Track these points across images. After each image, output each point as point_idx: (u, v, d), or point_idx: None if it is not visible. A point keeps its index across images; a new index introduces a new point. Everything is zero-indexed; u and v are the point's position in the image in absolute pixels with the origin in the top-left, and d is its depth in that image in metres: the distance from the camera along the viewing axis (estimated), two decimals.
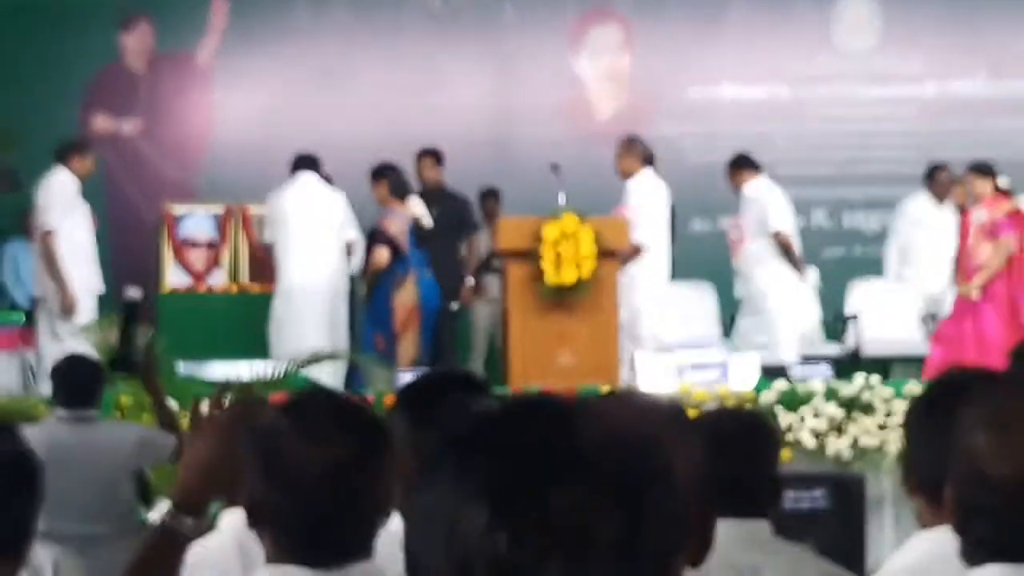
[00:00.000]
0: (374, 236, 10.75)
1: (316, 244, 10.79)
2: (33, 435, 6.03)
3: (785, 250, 11.04)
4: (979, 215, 10.52)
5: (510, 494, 1.23)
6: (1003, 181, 10.71)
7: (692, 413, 8.42)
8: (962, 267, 10.60)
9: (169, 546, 2.68)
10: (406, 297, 10.61)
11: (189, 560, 3.09)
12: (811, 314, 11.38)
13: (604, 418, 1.29)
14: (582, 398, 3.11)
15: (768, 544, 3.06)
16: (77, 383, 6.43)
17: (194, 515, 2.68)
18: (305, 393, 2.71)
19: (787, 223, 11.22)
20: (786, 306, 10.96)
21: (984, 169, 10.66)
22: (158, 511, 2.71)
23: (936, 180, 12.05)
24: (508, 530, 1.21)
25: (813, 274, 11.44)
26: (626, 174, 10.78)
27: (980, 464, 2.09)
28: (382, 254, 10.56)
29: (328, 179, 11.12)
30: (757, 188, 11.21)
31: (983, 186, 10.52)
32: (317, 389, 2.79)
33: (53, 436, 6.10)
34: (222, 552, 3.18)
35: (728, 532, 3.14)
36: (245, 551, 3.00)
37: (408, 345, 10.59)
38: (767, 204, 11.11)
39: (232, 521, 3.02)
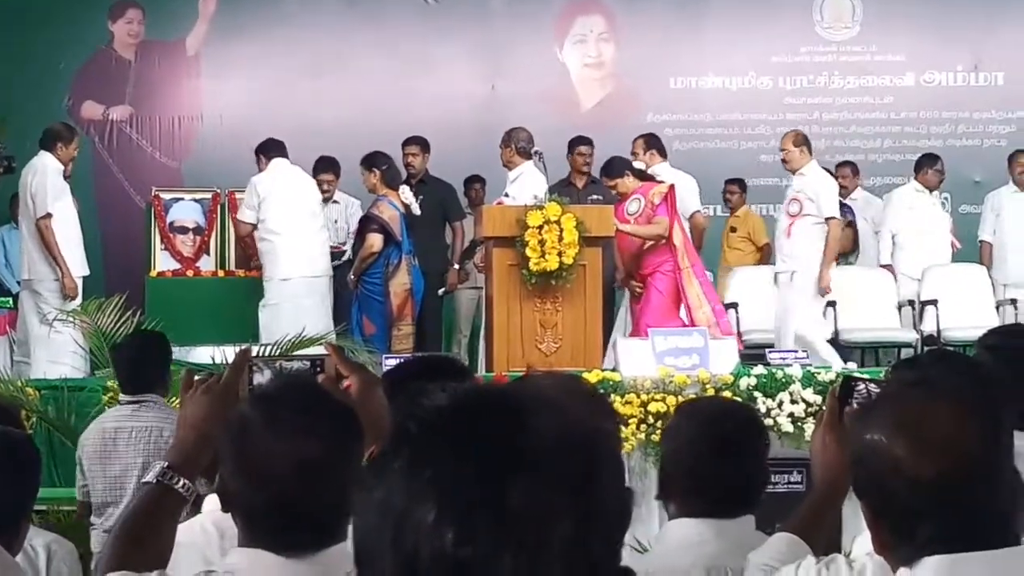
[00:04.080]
0: (366, 222, 10.74)
1: (302, 228, 10.76)
2: (101, 422, 6.14)
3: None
4: (632, 206, 10.10)
5: (459, 492, 1.21)
6: (639, 164, 10.46)
7: (671, 400, 8.42)
8: (625, 264, 10.28)
9: (164, 504, 2.64)
10: (400, 283, 10.59)
11: None
12: None
13: (552, 411, 1.26)
14: (511, 383, 3.09)
15: (753, 542, 3.04)
16: (137, 368, 6.41)
17: (188, 476, 2.66)
18: (276, 385, 2.69)
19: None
20: None
21: (618, 168, 10.28)
22: (152, 471, 2.68)
23: (927, 169, 12.09)
24: (455, 527, 1.19)
25: None
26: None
27: (906, 469, 2.10)
28: (375, 240, 10.54)
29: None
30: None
31: (626, 183, 10.15)
32: (288, 379, 2.76)
33: (117, 423, 6.14)
34: (204, 535, 3.17)
35: (713, 533, 3.14)
36: (224, 534, 3.00)
37: (405, 331, 10.59)
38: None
39: (214, 504, 3.01)
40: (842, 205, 12.14)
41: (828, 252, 10.48)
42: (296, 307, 10.42)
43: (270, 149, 10.94)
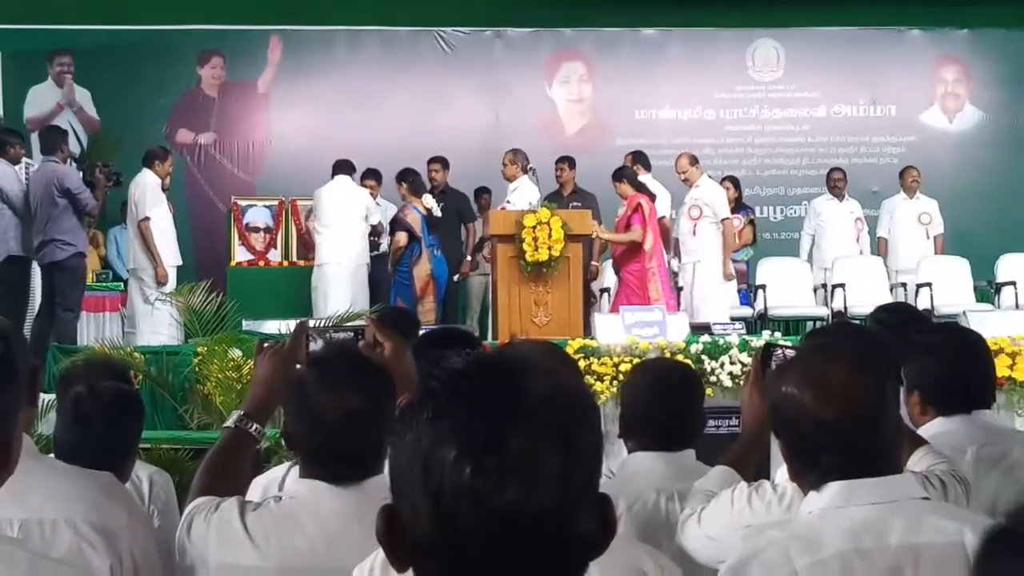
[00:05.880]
0: (395, 224, 10.79)
1: (344, 229, 10.80)
2: None
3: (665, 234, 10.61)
4: (620, 210, 10.08)
5: (473, 436, 1.22)
6: (645, 178, 10.34)
7: (636, 362, 8.43)
8: (614, 259, 10.17)
9: (242, 445, 2.67)
10: (422, 270, 10.64)
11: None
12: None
13: (543, 373, 1.27)
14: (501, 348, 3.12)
15: (694, 471, 3.06)
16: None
17: (259, 422, 2.68)
18: (327, 350, 2.70)
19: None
20: None
21: (620, 174, 10.14)
22: (231, 418, 2.70)
23: (833, 180, 12.07)
24: (472, 464, 1.21)
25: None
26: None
27: (813, 414, 2.12)
28: (401, 237, 10.61)
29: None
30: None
31: (623, 188, 10.03)
32: (337, 346, 2.77)
33: None
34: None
35: (662, 464, 3.15)
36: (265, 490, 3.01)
37: (428, 308, 10.62)
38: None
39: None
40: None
41: (726, 247, 10.42)
42: (336, 287, 10.48)
43: (336, 168, 11.02)
